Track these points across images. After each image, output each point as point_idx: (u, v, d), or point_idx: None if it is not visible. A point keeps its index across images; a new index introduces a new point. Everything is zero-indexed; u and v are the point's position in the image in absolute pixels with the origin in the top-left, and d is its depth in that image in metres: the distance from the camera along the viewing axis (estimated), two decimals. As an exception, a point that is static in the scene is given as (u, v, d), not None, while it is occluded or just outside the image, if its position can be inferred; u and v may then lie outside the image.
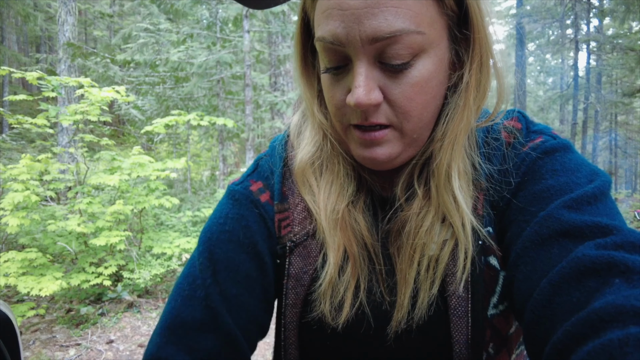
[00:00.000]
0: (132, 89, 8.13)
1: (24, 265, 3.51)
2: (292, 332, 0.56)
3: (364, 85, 0.46)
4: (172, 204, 4.36)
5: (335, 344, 0.55)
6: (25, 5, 12.24)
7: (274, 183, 0.60)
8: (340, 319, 0.53)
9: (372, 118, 0.48)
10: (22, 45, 18.54)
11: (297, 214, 0.58)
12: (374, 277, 0.55)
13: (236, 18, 7.74)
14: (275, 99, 7.87)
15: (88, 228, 3.85)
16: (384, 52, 0.45)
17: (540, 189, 0.48)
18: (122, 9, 16.64)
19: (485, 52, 0.50)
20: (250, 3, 0.70)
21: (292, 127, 0.64)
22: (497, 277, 0.51)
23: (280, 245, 0.57)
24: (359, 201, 0.58)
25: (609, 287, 0.37)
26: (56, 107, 4.42)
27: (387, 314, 0.54)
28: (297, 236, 0.57)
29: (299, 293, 0.55)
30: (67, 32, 7.38)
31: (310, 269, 0.55)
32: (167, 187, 5.17)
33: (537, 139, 0.53)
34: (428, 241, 0.52)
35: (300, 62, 0.58)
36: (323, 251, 0.55)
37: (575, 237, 0.43)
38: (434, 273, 0.52)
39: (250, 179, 0.61)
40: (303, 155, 0.59)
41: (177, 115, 5.27)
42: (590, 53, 15.49)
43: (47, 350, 3.21)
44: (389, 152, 0.51)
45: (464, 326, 0.49)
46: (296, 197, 0.59)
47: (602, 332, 0.33)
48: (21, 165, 3.84)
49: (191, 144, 10.11)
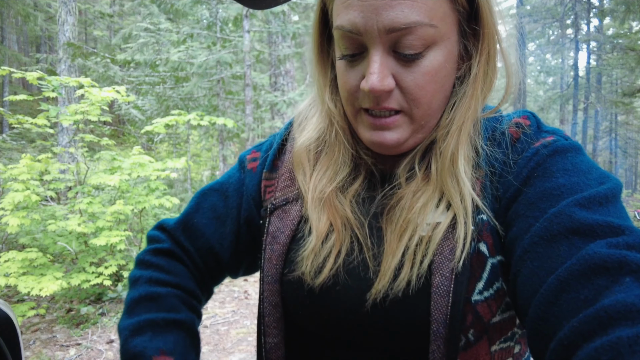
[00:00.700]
0: (132, 88, 8.13)
1: (25, 265, 3.51)
2: (269, 287, 0.60)
3: (379, 72, 0.49)
4: (172, 204, 4.36)
5: (313, 305, 0.57)
6: (25, 5, 12.24)
7: (269, 155, 0.68)
8: (318, 280, 0.56)
9: (384, 103, 0.52)
10: (22, 45, 18.55)
11: (280, 182, 0.65)
12: (356, 246, 0.57)
13: (236, 18, 7.75)
14: (275, 99, 7.87)
15: (88, 228, 3.86)
16: (399, 42, 0.49)
17: (551, 187, 0.48)
18: (122, 8, 16.64)
19: (493, 47, 0.53)
20: (251, 3, 0.70)
21: (299, 111, 0.69)
22: (484, 264, 0.51)
23: (263, 208, 0.65)
24: (352, 184, 0.61)
25: (619, 285, 0.36)
26: (56, 107, 4.43)
27: (368, 282, 0.54)
28: (277, 200, 0.64)
29: (275, 249, 0.60)
30: (67, 32, 7.39)
31: (288, 229, 0.61)
32: (168, 187, 5.18)
33: (549, 137, 0.53)
34: (421, 219, 0.53)
35: (317, 49, 0.61)
36: (308, 221, 0.60)
37: (585, 235, 0.42)
38: (424, 250, 0.52)
39: (253, 149, 0.72)
40: (304, 140, 0.64)
41: (177, 115, 5.28)
42: (590, 53, 15.50)
43: (47, 350, 3.21)
44: (398, 137, 0.54)
45: (444, 305, 0.49)
46: (284, 169, 0.66)
47: (610, 330, 0.33)
48: (21, 165, 3.85)
49: (191, 143, 10.11)
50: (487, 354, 0.51)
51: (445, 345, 0.49)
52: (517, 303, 0.47)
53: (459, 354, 0.50)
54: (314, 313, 0.58)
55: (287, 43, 8.50)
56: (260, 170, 0.68)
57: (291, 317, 0.61)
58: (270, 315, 0.61)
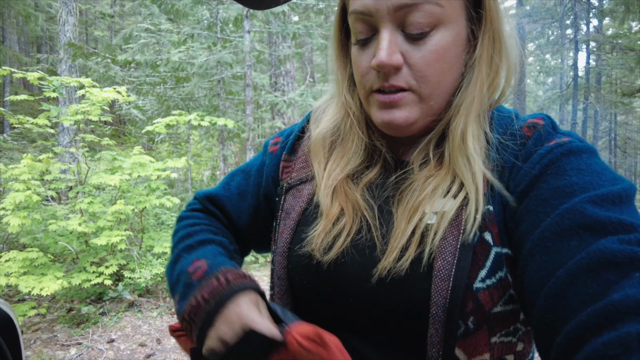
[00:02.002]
0: (133, 89, 8.13)
1: (25, 265, 3.51)
2: (280, 257, 0.64)
3: (387, 48, 0.52)
4: (173, 204, 4.37)
5: (318, 279, 0.59)
6: (26, 6, 12.25)
7: (289, 140, 0.74)
8: (327, 256, 0.58)
9: (393, 80, 0.54)
10: (23, 46, 18.56)
11: (297, 164, 0.70)
12: (365, 227, 0.59)
13: (237, 18, 7.75)
14: (276, 99, 7.87)
15: (89, 228, 3.86)
16: (406, 21, 0.52)
17: (564, 184, 0.48)
18: (123, 9, 16.65)
19: (497, 30, 0.56)
20: (251, 3, 0.71)
21: (317, 105, 0.74)
22: (488, 252, 0.52)
23: (280, 186, 0.70)
24: (366, 173, 0.64)
25: (629, 280, 0.36)
26: (57, 107, 4.44)
27: (374, 259, 0.56)
28: (292, 180, 0.69)
29: (287, 224, 0.65)
30: (68, 33, 7.40)
31: (298, 206, 0.65)
32: (168, 187, 5.18)
33: (564, 138, 0.53)
34: (431, 202, 0.55)
35: (337, 45, 0.65)
36: (316, 197, 0.64)
37: (597, 232, 0.42)
38: (431, 237, 0.53)
39: (277, 135, 0.79)
40: (321, 129, 0.68)
41: (178, 116, 5.28)
42: (590, 53, 15.49)
43: (48, 349, 3.22)
44: (407, 116, 0.56)
45: (444, 289, 0.50)
46: (301, 153, 0.72)
47: (618, 325, 0.33)
48: (22, 165, 3.85)
49: (192, 143, 10.12)
50: (487, 345, 0.51)
51: (444, 329, 0.49)
52: (524, 296, 0.47)
53: (458, 341, 0.50)
54: (318, 287, 0.59)
55: (287, 43, 8.51)
56: (280, 153, 0.74)
57: (297, 292, 0.63)
58: (277, 287, 0.64)
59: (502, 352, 0.53)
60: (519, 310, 0.53)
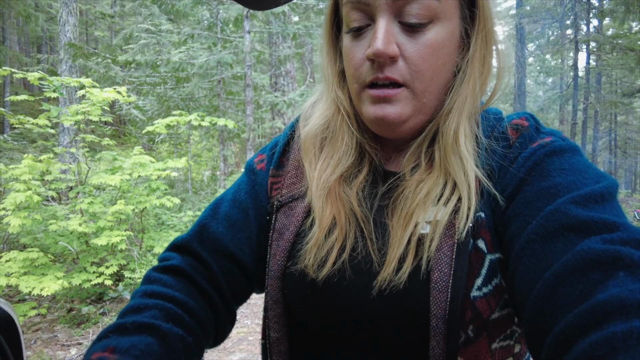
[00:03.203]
0: (134, 89, 8.14)
1: (26, 265, 3.52)
2: (272, 282, 0.61)
3: (383, 37, 0.52)
4: (173, 204, 4.37)
5: (315, 299, 0.58)
6: (26, 6, 12.26)
7: (275, 153, 0.70)
8: (321, 273, 0.57)
9: (388, 72, 0.53)
10: (24, 46, 18.57)
11: (287, 179, 0.66)
12: (360, 241, 0.58)
13: (237, 19, 7.76)
14: (276, 99, 7.88)
15: (89, 228, 3.87)
16: (404, 11, 0.52)
17: (548, 186, 0.49)
18: (123, 9, 16.66)
19: (489, 30, 0.56)
20: (251, 4, 0.71)
21: (304, 107, 0.71)
22: (483, 260, 0.52)
23: (270, 204, 0.66)
24: (357, 176, 0.62)
25: (613, 280, 0.36)
26: (58, 107, 4.44)
27: (372, 274, 0.55)
28: (283, 197, 0.65)
29: (280, 245, 0.61)
30: (68, 33, 7.40)
31: (292, 226, 0.62)
32: (168, 187, 5.19)
33: (547, 139, 0.54)
34: (425, 208, 0.54)
35: (327, 39, 0.64)
36: (312, 214, 0.61)
37: (581, 232, 0.42)
38: (426, 248, 0.52)
39: (260, 153, 0.73)
40: (311, 127, 0.65)
41: (178, 116, 5.29)
42: (590, 53, 15.49)
43: (48, 349, 3.22)
44: (400, 112, 0.55)
45: (443, 301, 0.49)
46: (290, 167, 0.67)
47: (605, 325, 0.33)
48: (23, 166, 3.86)
49: (192, 144, 10.12)
50: (488, 352, 0.51)
51: (445, 341, 0.49)
52: (515, 300, 0.47)
53: (460, 350, 0.50)
54: (315, 307, 0.58)
55: (287, 44, 8.52)
56: (268, 169, 0.69)
57: (293, 313, 0.61)
58: (273, 310, 0.61)
59: (502, 356, 0.53)
60: (513, 312, 0.54)
